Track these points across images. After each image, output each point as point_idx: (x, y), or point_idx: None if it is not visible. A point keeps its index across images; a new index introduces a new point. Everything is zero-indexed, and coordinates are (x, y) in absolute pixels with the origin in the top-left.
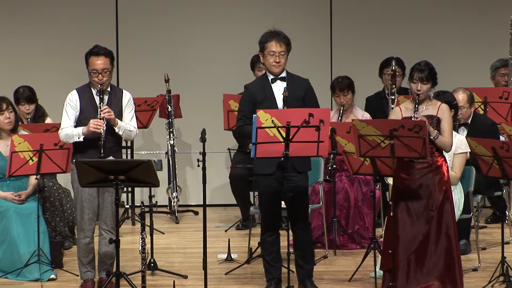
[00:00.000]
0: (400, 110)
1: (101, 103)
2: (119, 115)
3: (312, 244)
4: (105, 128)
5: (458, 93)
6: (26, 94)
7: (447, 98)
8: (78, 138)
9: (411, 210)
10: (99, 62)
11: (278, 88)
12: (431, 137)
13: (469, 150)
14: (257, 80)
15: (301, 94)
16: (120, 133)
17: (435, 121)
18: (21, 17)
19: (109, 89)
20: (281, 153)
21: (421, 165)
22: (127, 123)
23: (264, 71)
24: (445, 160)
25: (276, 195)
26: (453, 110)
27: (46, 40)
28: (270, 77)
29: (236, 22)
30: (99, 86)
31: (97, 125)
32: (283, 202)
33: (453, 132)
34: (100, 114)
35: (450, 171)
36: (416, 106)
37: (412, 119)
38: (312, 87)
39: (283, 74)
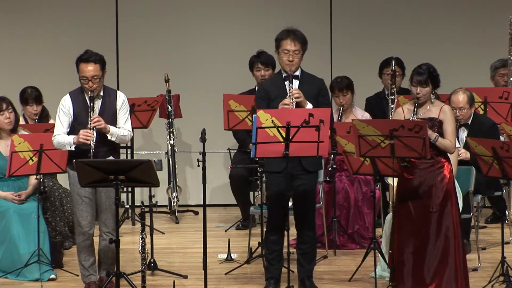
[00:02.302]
0: (403, 112)
1: (91, 112)
2: (113, 117)
3: (315, 244)
4: (94, 140)
5: (459, 94)
6: (34, 95)
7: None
8: (70, 147)
9: (412, 210)
10: (89, 69)
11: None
12: (431, 140)
13: (459, 146)
14: (272, 77)
15: (313, 93)
16: (113, 139)
17: (437, 124)
18: (21, 17)
19: (102, 93)
20: (281, 153)
21: (423, 165)
22: (121, 127)
23: (261, 71)
24: (448, 160)
25: (283, 194)
26: None
27: (46, 40)
28: (284, 74)
29: (236, 22)
30: (89, 93)
31: (86, 135)
32: (290, 202)
33: None
34: (90, 124)
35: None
36: (415, 109)
37: None
38: (326, 87)
39: (297, 73)
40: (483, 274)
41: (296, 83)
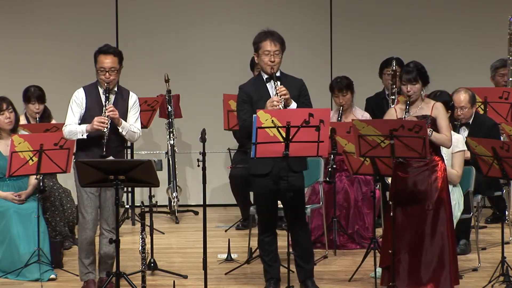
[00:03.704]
0: (396, 112)
1: (107, 102)
2: (124, 116)
3: (310, 243)
4: (108, 126)
5: (460, 93)
6: (37, 93)
7: (443, 98)
8: (82, 135)
9: (407, 208)
10: (107, 61)
11: (273, 88)
12: None
13: (466, 148)
14: (251, 80)
15: (294, 94)
16: (124, 133)
17: (430, 121)
18: (21, 17)
19: (116, 89)
20: (281, 153)
21: (417, 163)
22: (131, 125)
23: None
24: (442, 159)
25: (272, 196)
26: (449, 111)
27: (46, 40)
28: (265, 76)
29: (236, 22)
30: (105, 84)
31: (101, 122)
32: (279, 202)
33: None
34: (105, 112)
35: (450, 169)
36: (407, 107)
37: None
38: (306, 87)
39: (278, 74)
40: (483, 274)
41: (278, 83)
